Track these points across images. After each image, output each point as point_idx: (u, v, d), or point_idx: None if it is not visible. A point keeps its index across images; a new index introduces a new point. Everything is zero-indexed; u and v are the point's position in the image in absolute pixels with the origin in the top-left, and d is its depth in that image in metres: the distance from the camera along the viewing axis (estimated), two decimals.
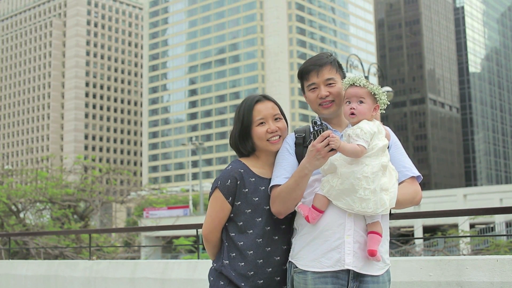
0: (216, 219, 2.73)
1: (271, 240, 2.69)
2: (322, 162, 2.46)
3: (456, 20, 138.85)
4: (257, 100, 2.80)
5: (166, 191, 45.36)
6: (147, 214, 46.66)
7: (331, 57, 2.75)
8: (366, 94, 2.57)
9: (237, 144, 2.80)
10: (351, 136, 2.50)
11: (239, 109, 2.81)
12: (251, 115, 2.76)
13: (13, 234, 11.32)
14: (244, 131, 2.77)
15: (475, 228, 28.89)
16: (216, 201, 2.72)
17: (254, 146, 2.78)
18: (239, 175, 2.71)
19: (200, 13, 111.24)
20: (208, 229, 2.75)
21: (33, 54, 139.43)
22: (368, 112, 2.56)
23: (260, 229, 2.68)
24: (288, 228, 2.76)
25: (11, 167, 23.95)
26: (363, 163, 2.47)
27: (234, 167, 2.74)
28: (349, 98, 2.60)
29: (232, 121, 2.88)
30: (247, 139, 2.77)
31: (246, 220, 2.69)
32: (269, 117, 2.76)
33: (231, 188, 2.70)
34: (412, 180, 2.64)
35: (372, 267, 2.52)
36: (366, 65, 32.79)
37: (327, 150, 2.41)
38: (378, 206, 2.45)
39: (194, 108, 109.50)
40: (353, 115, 2.56)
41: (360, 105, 2.56)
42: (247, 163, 2.78)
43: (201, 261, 4.82)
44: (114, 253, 16.21)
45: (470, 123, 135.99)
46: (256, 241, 2.67)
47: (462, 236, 4.92)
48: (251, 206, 2.70)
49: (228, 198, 2.70)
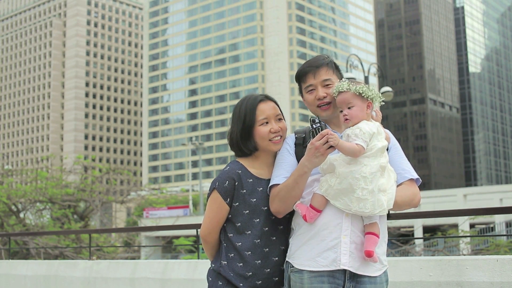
0: (214, 220, 2.73)
1: (269, 241, 2.70)
2: (321, 160, 2.47)
3: (456, 20, 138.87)
4: (260, 99, 2.80)
5: (166, 191, 45.38)
6: (147, 214, 46.66)
7: (328, 59, 2.77)
8: (352, 97, 2.57)
9: (239, 143, 2.79)
10: (350, 136, 2.51)
11: (239, 108, 2.81)
12: (254, 114, 2.76)
13: (13, 234, 11.33)
14: (246, 131, 2.76)
15: (475, 228, 28.89)
16: (214, 202, 2.73)
17: (256, 146, 2.78)
18: (237, 176, 2.71)
19: (200, 13, 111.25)
20: (206, 230, 2.75)
21: (33, 54, 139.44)
22: (361, 113, 2.57)
23: (258, 230, 2.69)
24: (286, 229, 2.76)
25: (11, 167, 23.96)
26: (362, 163, 2.47)
27: (231, 168, 2.75)
28: (339, 106, 2.62)
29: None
30: (249, 139, 2.77)
31: (244, 221, 2.70)
32: (272, 117, 2.77)
33: (229, 189, 2.70)
34: (411, 182, 2.65)
35: (369, 268, 2.52)
36: (366, 65, 32.81)
37: (326, 147, 2.42)
38: (376, 206, 2.45)
39: (194, 108, 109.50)
40: (347, 120, 2.58)
41: (351, 110, 2.56)
42: (245, 164, 2.78)
43: (201, 261, 4.82)
44: (114, 253, 16.22)
45: (470, 123, 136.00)
46: (254, 242, 2.68)
47: (462, 236, 4.93)
48: (249, 207, 2.70)
49: (226, 199, 2.70)
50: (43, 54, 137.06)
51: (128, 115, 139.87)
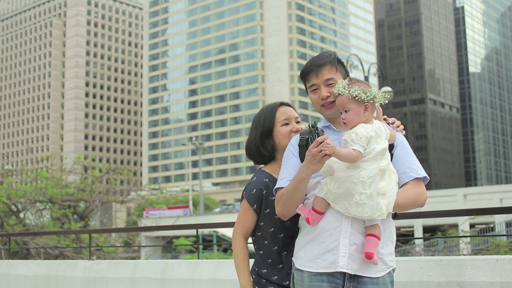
0: (240, 225, 2.88)
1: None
2: (318, 167, 2.46)
3: (456, 20, 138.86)
4: (280, 103, 2.98)
5: (166, 191, 45.30)
6: (147, 214, 46.67)
7: (331, 56, 2.75)
8: (347, 101, 2.54)
9: (258, 146, 2.92)
10: (347, 141, 2.49)
11: (259, 116, 2.98)
12: (274, 116, 2.92)
13: (13, 234, 11.33)
14: (266, 132, 2.91)
15: (475, 228, 28.90)
16: (242, 208, 2.89)
17: (275, 146, 2.90)
18: (264, 185, 2.85)
19: (200, 13, 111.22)
20: (233, 234, 2.91)
21: (33, 54, 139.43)
22: (357, 117, 2.54)
23: (289, 231, 2.82)
24: None
25: (11, 167, 23.94)
26: (360, 167, 2.46)
27: (258, 178, 2.89)
28: (338, 108, 2.62)
29: (232, 121, 2.93)
30: (268, 139, 2.91)
31: (276, 225, 2.82)
32: (292, 118, 2.93)
33: (257, 197, 2.84)
34: (416, 181, 2.61)
35: (370, 269, 2.51)
36: (366, 65, 32.81)
37: (321, 155, 2.40)
38: (374, 211, 2.44)
39: (194, 108, 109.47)
40: (346, 124, 2.57)
41: (347, 113, 2.55)
42: (269, 171, 2.91)
43: (201, 261, 4.82)
44: (114, 253, 16.23)
45: (470, 123, 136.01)
46: (287, 242, 2.83)
47: (462, 236, 4.92)
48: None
49: (253, 206, 2.84)
50: (43, 54, 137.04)
51: (128, 115, 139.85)
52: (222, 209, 62.21)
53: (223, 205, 69.95)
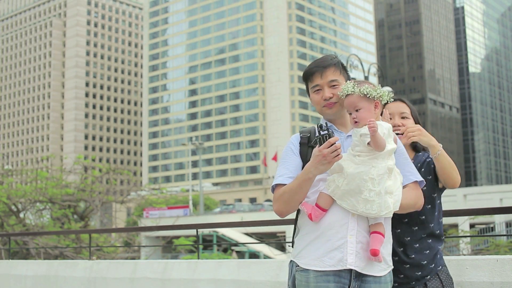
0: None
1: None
2: (327, 167, 2.49)
3: (456, 20, 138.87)
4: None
5: (166, 191, 45.24)
6: (147, 214, 46.67)
7: (335, 59, 2.80)
8: (358, 99, 2.58)
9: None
10: (365, 135, 2.52)
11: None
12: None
13: (13, 234, 11.33)
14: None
15: (475, 228, 28.88)
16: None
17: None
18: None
19: (200, 13, 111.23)
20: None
21: (33, 54, 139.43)
22: (369, 114, 2.58)
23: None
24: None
25: (11, 167, 23.95)
26: (370, 164, 2.49)
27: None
28: (347, 109, 2.64)
29: (232, 121, 2.93)
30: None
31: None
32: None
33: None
34: (415, 185, 2.67)
35: (375, 267, 2.54)
36: (366, 65, 32.83)
37: (333, 156, 2.43)
38: (382, 208, 2.47)
39: (194, 108, 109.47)
40: (357, 123, 2.59)
41: (358, 112, 2.58)
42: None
43: (201, 261, 4.82)
44: (114, 253, 16.22)
45: (470, 123, 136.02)
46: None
47: (462, 236, 4.92)
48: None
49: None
50: (43, 54, 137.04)
51: (128, 115, 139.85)
52: (222, 209, 62.21)
53: (223, 205, 69.93)
